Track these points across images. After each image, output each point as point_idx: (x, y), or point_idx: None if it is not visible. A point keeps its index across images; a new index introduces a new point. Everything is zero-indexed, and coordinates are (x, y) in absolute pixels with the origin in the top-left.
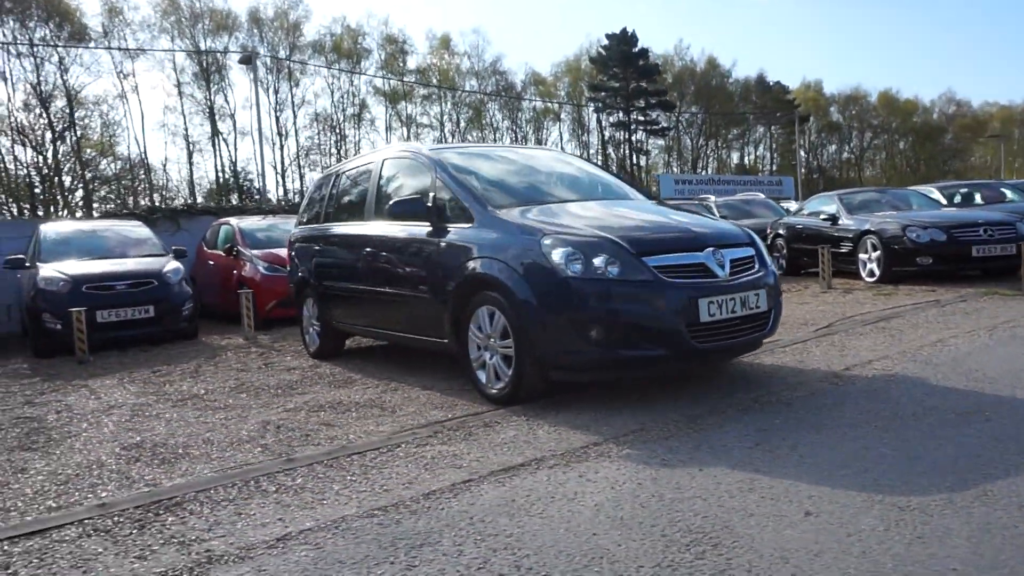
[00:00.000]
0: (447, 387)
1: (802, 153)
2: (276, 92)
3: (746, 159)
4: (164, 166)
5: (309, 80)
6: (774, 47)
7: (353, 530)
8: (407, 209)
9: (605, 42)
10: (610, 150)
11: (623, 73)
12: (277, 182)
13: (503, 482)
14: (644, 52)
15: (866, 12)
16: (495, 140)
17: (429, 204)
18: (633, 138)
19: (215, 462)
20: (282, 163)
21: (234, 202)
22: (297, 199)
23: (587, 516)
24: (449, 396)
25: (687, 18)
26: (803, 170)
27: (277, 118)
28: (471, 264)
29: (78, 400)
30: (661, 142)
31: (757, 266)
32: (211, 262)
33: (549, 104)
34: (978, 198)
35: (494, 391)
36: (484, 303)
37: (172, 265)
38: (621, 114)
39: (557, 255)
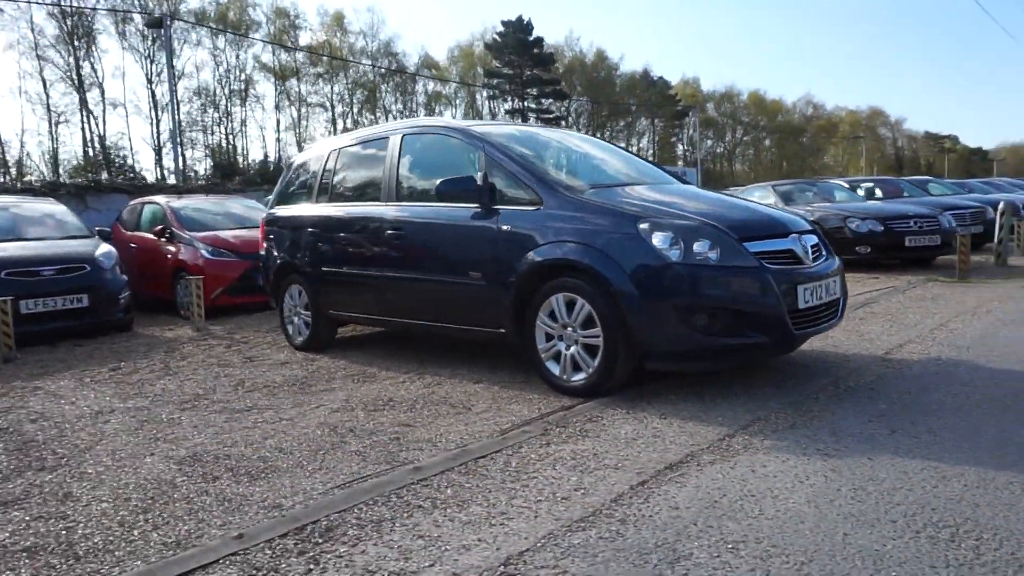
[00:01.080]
0: (497, 378)
1: (680, 147)
2: (151, 61)
3: (630, 151)
4: (21, 138)
5: (190, 50)
6: (659, 43)
7: (583, 549)
8: (457, 189)
9: (501, 29)
10: None
11: (518, 61)
12: (156, 160)
13: (681, 482)
14: (539, 41)
15: (742, 14)
16: (388, 119)
17: (479, 184)
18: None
19: (319, 475)
20: (158, 139)
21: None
22: (174, 179)
23: (812, 514)
24: (510, 389)
25: (578, 10)
26: (681, 163)
27: (152, 91)
28: (546, 249)
29: (45, 405)
30: None
31: (825, 253)
32: (133, 245)
33: (445, 88)
34: (879, 192)
35: (572, 382)
36: (560, 290)
37: (104, 248)
38: (515, 101)
39: (658, 239)
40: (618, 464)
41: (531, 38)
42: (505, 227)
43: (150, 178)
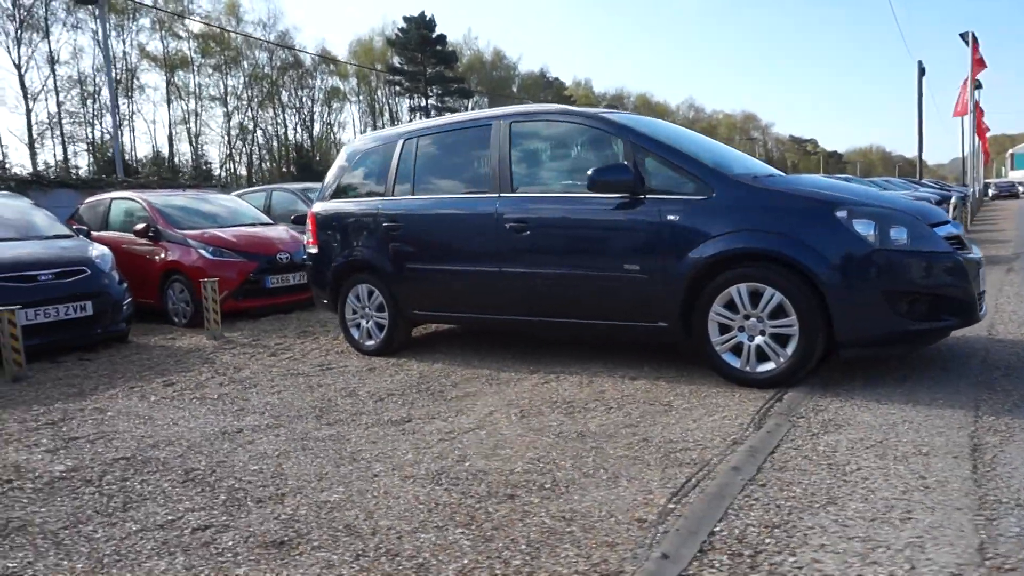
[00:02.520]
0: (642, 372)
1: None
2: (20, 44)
3: None
4: None
5: (69, 34)
6: (555, 45)
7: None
8: (612, 178)
9: (403, 25)
10: None
11: (421, 58)
12: (34, 153)
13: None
14: (442, 38)
15: (631, 19)
16: (286, 116)
17: (634, 173)
18: None
19: (604, 488)
20: (30, 130)
21: None
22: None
23: None
24: (676, 383)
25: (475, 9)
26: None
27: (21, 78)
28: (725, 239)
29: (140, 428)
30: None
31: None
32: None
33: (345, 83)
34: None
35: (758, 373)
36: (742, 280)
37: (98, 250)
38: (418, 98)
39: (861, 226)
40: (920, 449)
41: (434, 35)
42: (671, 217)
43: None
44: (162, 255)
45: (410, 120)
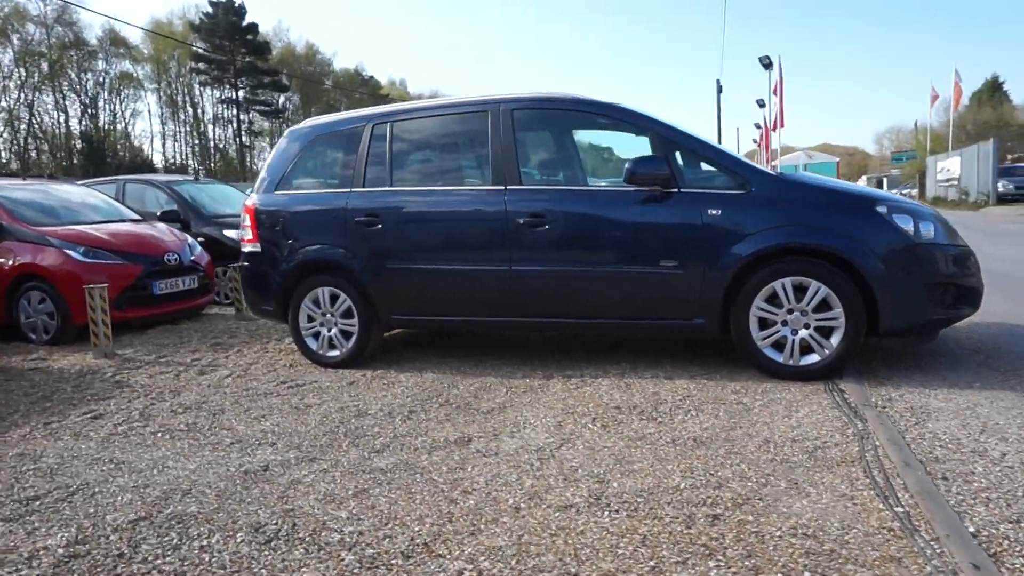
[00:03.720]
0: (672, 372)
1: None
2: None
3: None
4: None
5: None
6: (370, 43)
7: None
8: (651, 170)
9: (209, 9)
10: (217, 129)
11: (230, 46)
12: None
13: None
14: (254, 27)
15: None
16: (67, 100)
17: (669, 167)
18: (244, 118)
19: (800, 496)
20: None
21: None
22: None
23: None
24: (714, 379)
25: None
26: None
27: None
28: (769, 233)
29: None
30: (268, 124)
31: None
32: None
33: (138, 68)
34: None
35: (802, 366)
36: (786, 274)
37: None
38: (228, 89)
39: (901, 221)
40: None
41: (244, 23)
42: (713, 212)
43: None
44: (10, 258)
45: (220, 111)
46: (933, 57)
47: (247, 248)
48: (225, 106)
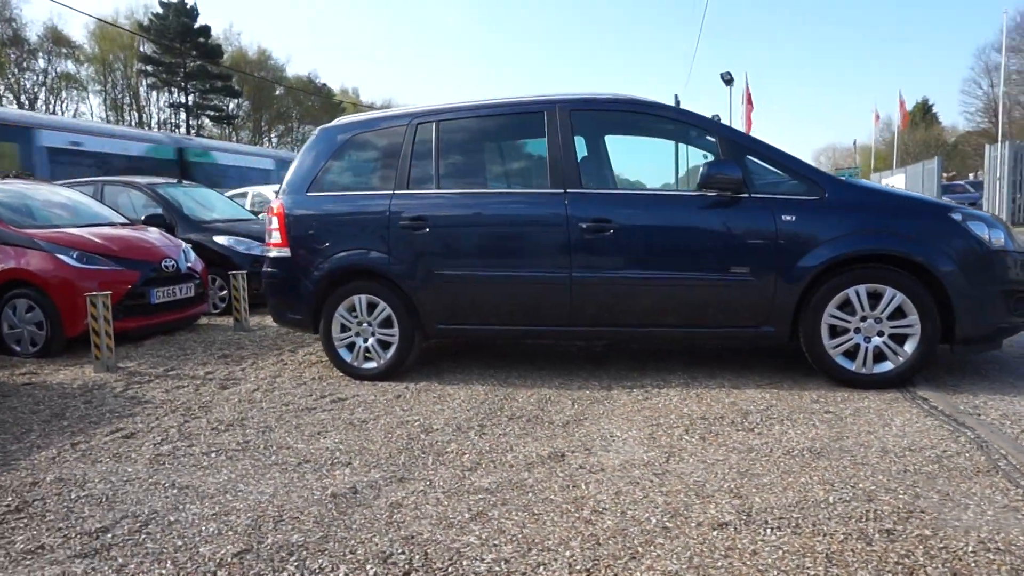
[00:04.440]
0: (735, 380)
1: None
2: None
3: None
4: None
5: None
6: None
7: None
8: (726, 174)
9: (159, 10)
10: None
11: (180, 49)
12: None
13: None
14: (206, 29)
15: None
16: (4, 100)
17: (741, 172)
18: (195, 123)
19: (961, 509)
20: None
21: None
22: None
23: None
24: (794, 390)
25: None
26: None
27: None
28: (846, 240)
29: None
30: (217, 130)
31: None
32: None
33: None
34: None
35: (875, 374)
36: (862, 281)
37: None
38: (178, 93)
39: (977, 228)
40: None
41: (196, 25)
42: (787, 218)
43: None
44: None
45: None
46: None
47: (274, 253)
48: (174, 110)
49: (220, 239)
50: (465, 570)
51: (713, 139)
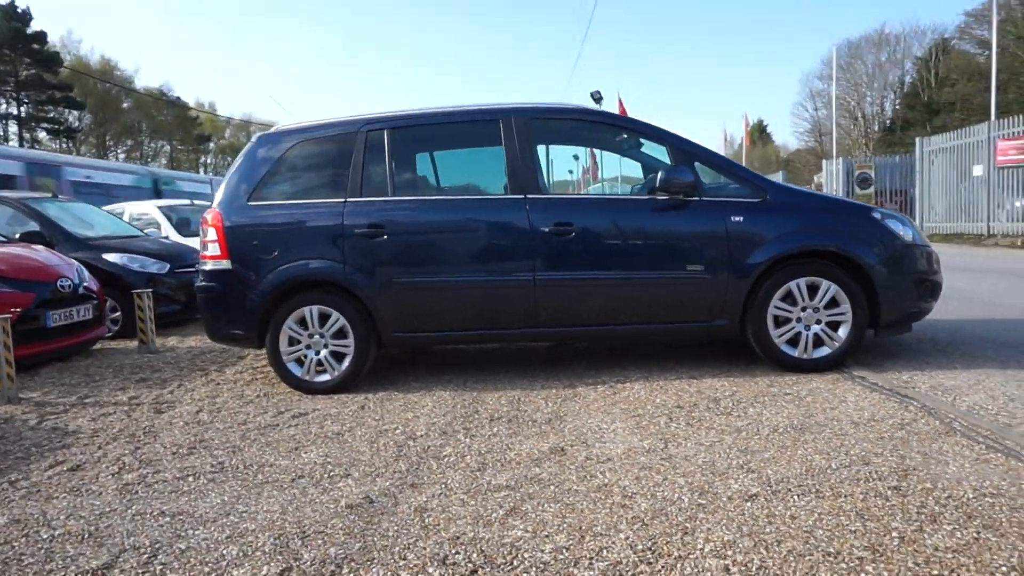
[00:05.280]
0: (692, 371)
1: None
2: None
3: None
4: None
5: None
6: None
7: None
8: (680, 179)
9: None
10: None
11: (12, 56)
12: None
13: None
14: (41, 36)
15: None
16: None
17: (693, 176)
18: (27, 136)
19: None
20: None
21: None
22: None
23: None
24: (736, 376)
25: (78, 9)
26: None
27: None
28: (787, 238)
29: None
30: (55, 145)
31: None
32: None
33: None
34: None
35: (815, 358)
36: (802, 274)
37: None
38: (9, 104)
39: (894, 225)
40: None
41: (29, 31)
42: (736, 219)
43: None
44: None
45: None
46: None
47: (211, 266)
48: (4, 123)
49: (111, 257)
50: (531, 561)
51: (664, 146)
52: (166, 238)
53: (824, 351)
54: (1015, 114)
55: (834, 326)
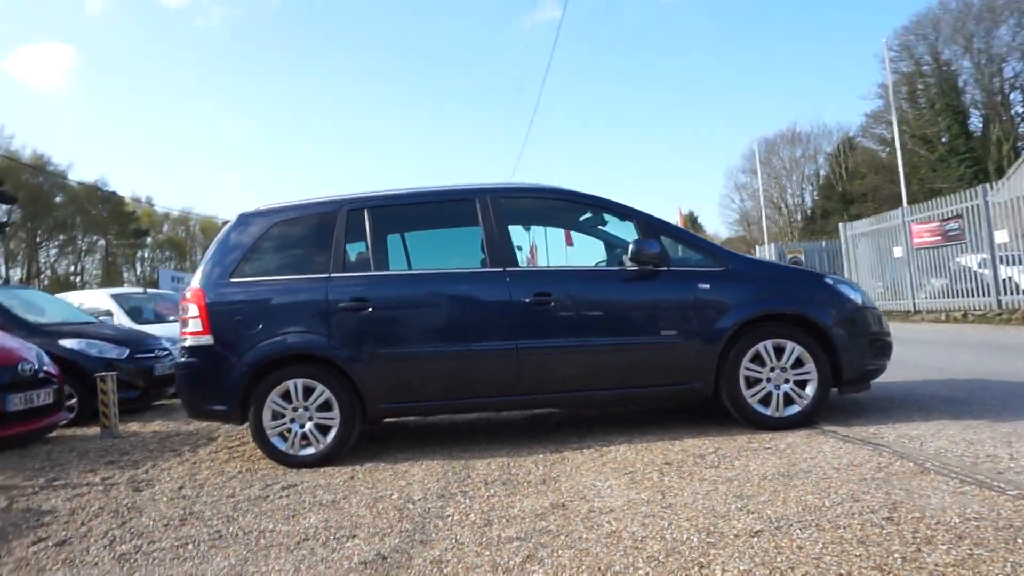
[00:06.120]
0: (670, 432)
1: (139, 267)
2: None
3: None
4: None
5: None
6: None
7: None
8: (650, 250)
9: None
10: None
11: None
12: None
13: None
14: None
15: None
16: None
17: (660, 248)
18: None
19: None
20: None
21: None
22: None
23: None
24: (713, 436)
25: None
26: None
27: None
28: (753, 304)
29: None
30: None
31: None
32: None
33: None
34: None
35: (787, 416)
36: (768, 337)
37: None
38: None
39: (845, 289)
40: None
41: None
42: (703, 286)
43: None
44: None
45: None
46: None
47: (192, 341)
48: None
49: (67, 343)
50: None
51: (630, 221)
52: (120, 325)
53: (795, 408)
54: (921, 203)
55: (801, 385)
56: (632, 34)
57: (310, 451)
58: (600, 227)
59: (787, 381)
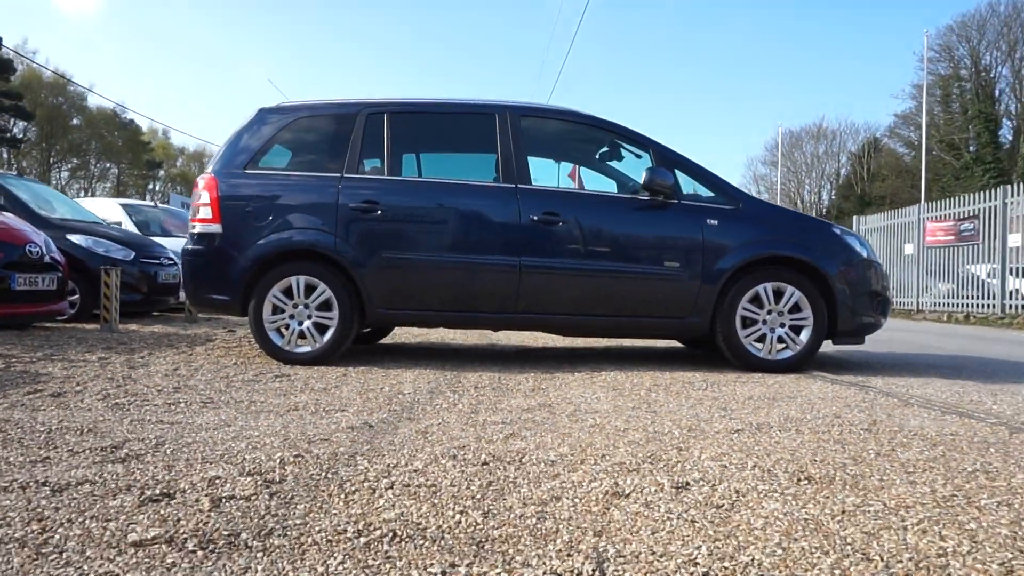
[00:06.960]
0: (657, 364)
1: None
2: None
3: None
4: None
5: None
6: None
7: None
8: (662, 180)
9: None
10: None
11: None
12: None
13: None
14: None
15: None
16: None
17: (674, 180)
18: None
19: None
20: None
21: None
22: None
23: None
24: (704, 371)
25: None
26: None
27: None
28: (758, 245)
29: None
30: None
31: None
32: None
33: None
34: None
35: (778, 359)
36: (769, 279)
37: None
38: None
39: (852, 241)
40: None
41: None
42: (711, 222)
43: None
44: None
45: None
46: None
47: (201, 228)
48: None
49: (75, 238)
50: (537, 461)
51: (647, 152)
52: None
53: (787, 353)
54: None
55: (796, 330)
56: (669, 8)
57: (305, 349)
58: (616, 164)
59: (783, 325)
